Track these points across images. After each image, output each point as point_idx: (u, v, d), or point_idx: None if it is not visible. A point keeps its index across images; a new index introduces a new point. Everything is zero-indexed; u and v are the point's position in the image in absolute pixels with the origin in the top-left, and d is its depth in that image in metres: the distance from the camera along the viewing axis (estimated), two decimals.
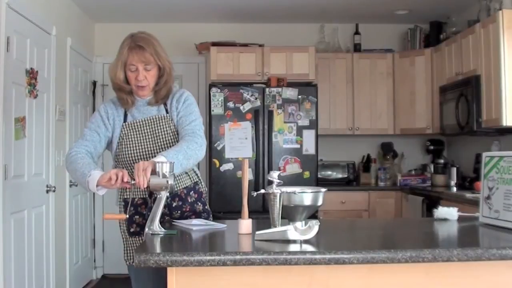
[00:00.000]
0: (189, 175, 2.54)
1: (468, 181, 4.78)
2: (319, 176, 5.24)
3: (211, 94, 4.83)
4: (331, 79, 5.48)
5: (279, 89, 4.89)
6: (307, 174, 4.89)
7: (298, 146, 4.88)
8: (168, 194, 2.17)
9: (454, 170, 5.03)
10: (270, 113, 4.86)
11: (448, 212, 2.38)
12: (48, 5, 4.29)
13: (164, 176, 2.11)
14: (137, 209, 2.47)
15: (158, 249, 1.82)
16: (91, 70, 5.60)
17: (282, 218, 2.02)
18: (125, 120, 2.50)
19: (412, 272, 1.73)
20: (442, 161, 5.40)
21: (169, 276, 1.68)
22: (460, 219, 2.37)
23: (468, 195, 3.99)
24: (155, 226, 2.05)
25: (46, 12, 4.24)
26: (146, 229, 2.06)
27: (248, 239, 1.91)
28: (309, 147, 4.91)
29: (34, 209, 3.91)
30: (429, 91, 5.33)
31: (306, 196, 2.02)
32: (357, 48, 5.65)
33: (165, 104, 2.52)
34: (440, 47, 5.13)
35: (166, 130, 2.47)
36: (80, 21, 5.24)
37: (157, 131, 2.47)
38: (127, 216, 2.35)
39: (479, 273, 1.76)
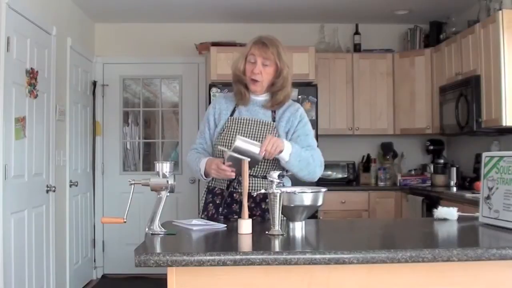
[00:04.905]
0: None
1: (468, 181, 4.78)
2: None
3: (211, 94, 4.84)
4: (331, 79, 5.48)
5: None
6: None
7: None
8: (168, 194, 2.16)
9: (454, 170, 5.03)
10: None
11: (448, 212, 2.38)
12: (48, 5, 4.29)
13: (164, 176, 2.10)
14: (213, 198, 2.57)
15: (158, 249, 1.82)
16: (91, 70, 5.60)
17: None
18: (231, 115, 2.59)
19: (412, 272, 1.73)
20: (442, 161, 5.41)
21: (169, 276, 1.68)
22: (460, 219, 2.37)
23: (468, 195, 3.99)
24: (155, 226, 2.05)
25: (46, 12, 4.24)
26: (146, 229, 2.06)
27: (248, 239, 1.92)
28: None
29: (34, 209, 3.91)
30: (429, 91, 5.33)
31: (306, 196, 2.02)
32: (357, 48, 5.65)
33: (273, 111, 2.58)
34: (440, 47, 5.13)
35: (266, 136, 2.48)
36: (80, 21, 5.24)
37: (257, 134, 2.52)
38: (125, 220, 2.28)
39: (479, 273, 1.76)
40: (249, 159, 2.16)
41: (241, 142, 2.27)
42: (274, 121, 2.56)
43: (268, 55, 2.50)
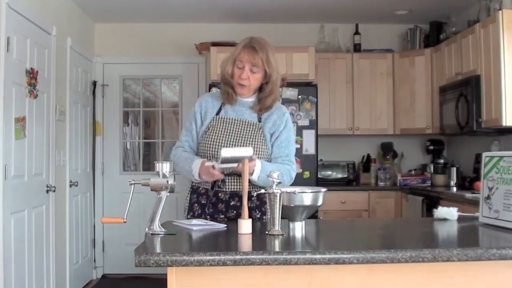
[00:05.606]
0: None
1: (468, 181, 4.78)
2: (319, 176, 5.24)
3: None
4: (331, 79, 5.48)
5: (279, 89, 4.88)
6: (307, 174, 4.89)
7: (298, 146, 4.88)
8: (168, 194, 2.16)
9: (454, 170, 5.03)
10: None
11: (448, 212, 2.38)
12: (48, 5, 4.29)
13: (164, 176, 2.10)
14: (198, 198, 2.58)
15: (158, 249, 1.82)
16: (91, 70, 5.60)
17: (282, 218, 2.02)
18: (217, 114, 2.58)
19: (412, 272, 1.73)
20: (442, 161, 5.41)
21: (169, 276, 1.68)
22: (460, 219, 2.37)
23: (468, 195, 3.99)
24: (155, 226, 2.05)
25: (46, 12, 4.24)
26: (146, 229, 2.06)
27: (248, 239, 1.92)
28: (309, 147, 4.91)
29: (34, 209, 3.91)
30: (429, 91, 5.33)
31: (306, 196, 2.02)
32: (357, 48, 5.65)
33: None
34: (440, 47, 5.13)
35: (251, 136, 2.51)
36: (80, 21, 5.24)
37: (242, 133, 2.52)
38: (125, 220, 2.28)
39: (479, 273, 1.76)
40: (236, 164, 2.23)
41: (226, 153, 2.23)
42: (260, 121, 2.56)
43: (256, 61, 2.48)
